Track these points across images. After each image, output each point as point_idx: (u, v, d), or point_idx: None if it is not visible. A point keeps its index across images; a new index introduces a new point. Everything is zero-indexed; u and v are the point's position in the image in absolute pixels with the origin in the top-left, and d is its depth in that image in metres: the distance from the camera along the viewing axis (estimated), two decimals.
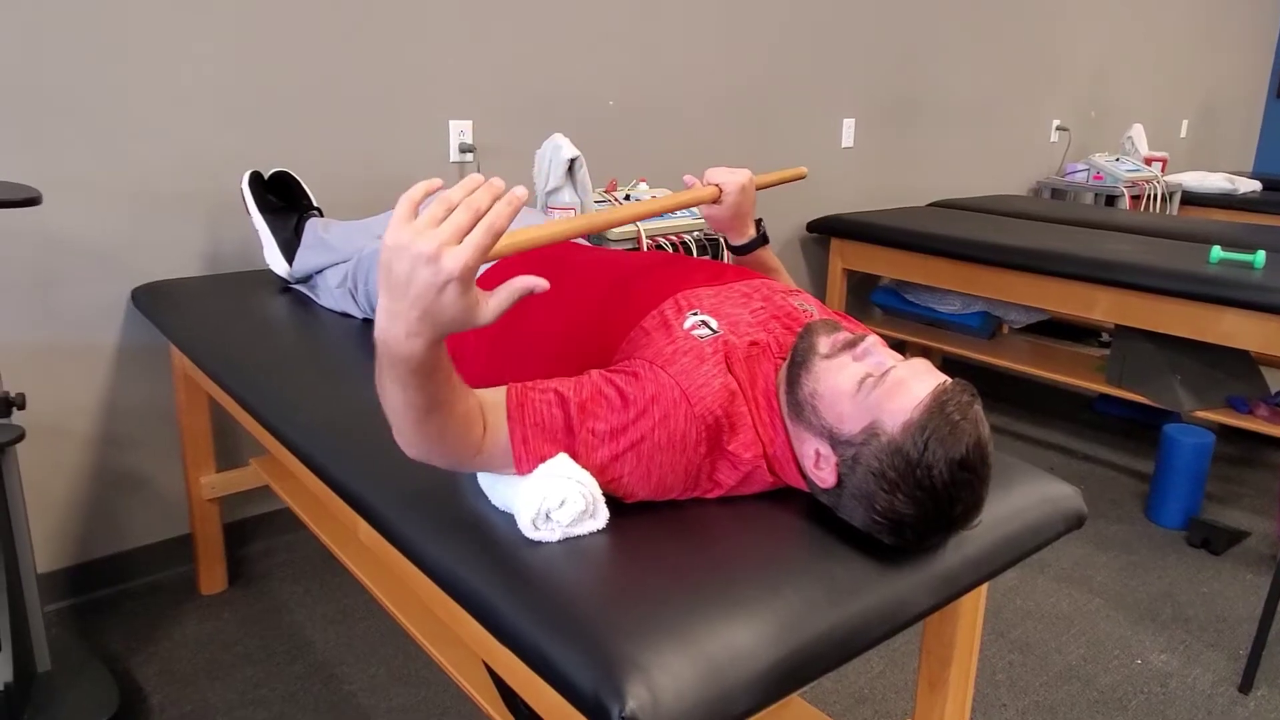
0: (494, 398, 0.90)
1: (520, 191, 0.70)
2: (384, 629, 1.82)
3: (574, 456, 0.89)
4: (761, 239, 1.29)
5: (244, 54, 1.89)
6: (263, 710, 1.59)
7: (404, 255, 0.67)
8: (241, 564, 2.05)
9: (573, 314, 1.13)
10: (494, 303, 0.73)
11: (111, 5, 1.71)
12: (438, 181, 0.72)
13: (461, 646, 1.17)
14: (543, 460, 0.89)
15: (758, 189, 1.29)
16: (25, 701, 1.41)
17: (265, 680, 1.67)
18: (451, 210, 0.69)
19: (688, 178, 1.23)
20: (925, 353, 3.08)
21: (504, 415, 0.88)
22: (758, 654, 0.76)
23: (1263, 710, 1.68)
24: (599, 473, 0.89)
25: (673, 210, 1.17)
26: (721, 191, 1.21)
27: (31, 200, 1.32)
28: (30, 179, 1.68)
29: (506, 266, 1.28)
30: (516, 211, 0.69)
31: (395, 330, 0.70)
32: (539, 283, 0.74)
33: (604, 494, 0.90)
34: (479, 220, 0.68)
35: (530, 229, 0.84)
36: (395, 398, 0.78)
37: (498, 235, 0.69)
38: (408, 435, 0.83)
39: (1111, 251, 2.49)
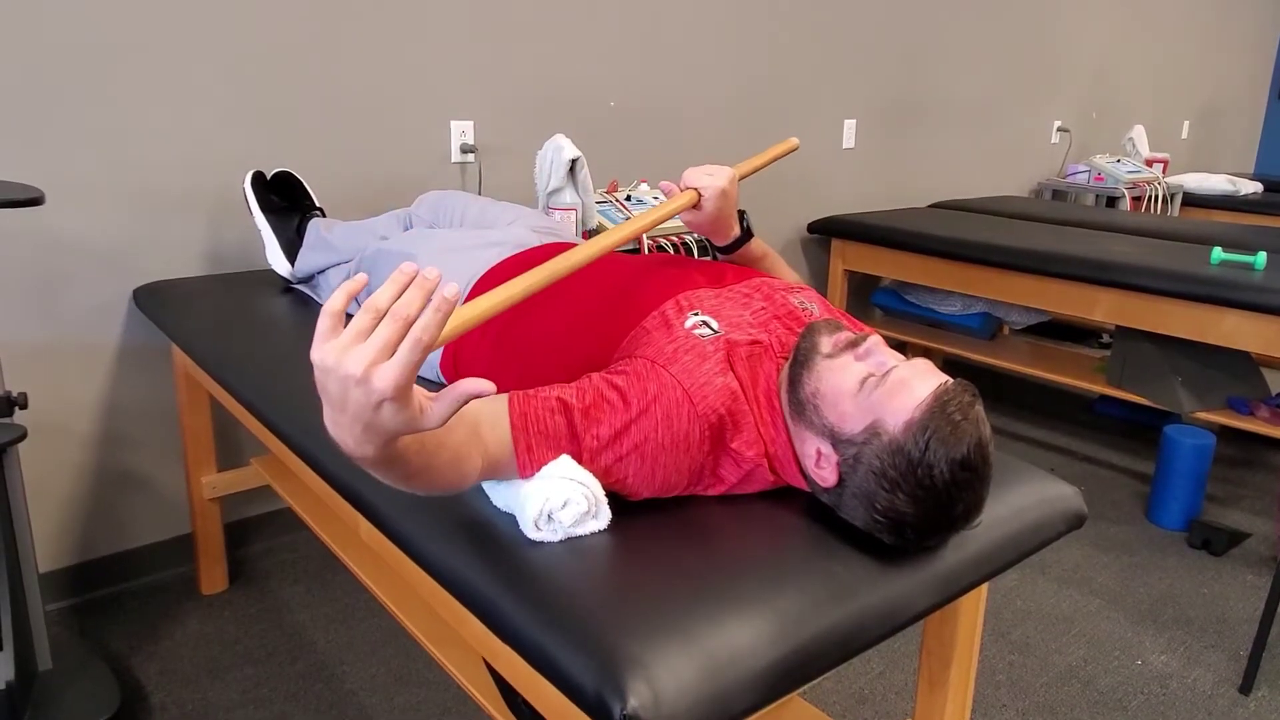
0: (493, 409, 0.88)
1: (450, 291, 0.64)
2: (385, 629, 1.82)
3: (578, 461, 0.89)
4: (746, 235, 1.25)
5: (246, 54, 1.90)
6: (264, 710, 1.59)
7: (332, 378, 0.64)
8: (242, 564, 2.05)
9: (575, 315, 1.13)
10: (439, 409, 0.68)
11: (113, 5, 1.72)
12: (362, 279, 0.67)
13: (463, 646, 1.17)
14: (543, 465, 0.89)
15: (746, 176, 1.25)
16: (26, 700, 1.41)
17: (266, 680, 1.67)
18: (379, 318, 0.63)
19: (664, 184, 1.18)
20: (926, 354, 3.09)
21: (507, 427, 0.88)
22: (759, 652, 0.77)
23: (1263, 711, 1.68)
24: (603, 475, 0.90)
25: (650, 229, 1.11)
26: (701, 197, 1.16)
27: (34, 200, 1.32)
28: (33, 179, 1.69)
29: (501, 273, 1.28)
30: (446, 318, 0.64)
31: (344, 439, 0.68)
32: (485, 387, 0.67)
33: (606, 493, 0.90)
34: (408, 330, 0.63)
35: (477, 302, 0.80)
36: (383, 478, 0.76)
37: (428, 348, 0.64)
38: (403, 491, 0.80)
39: (1112, 252, 2.49)
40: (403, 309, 0.63)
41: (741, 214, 1.23)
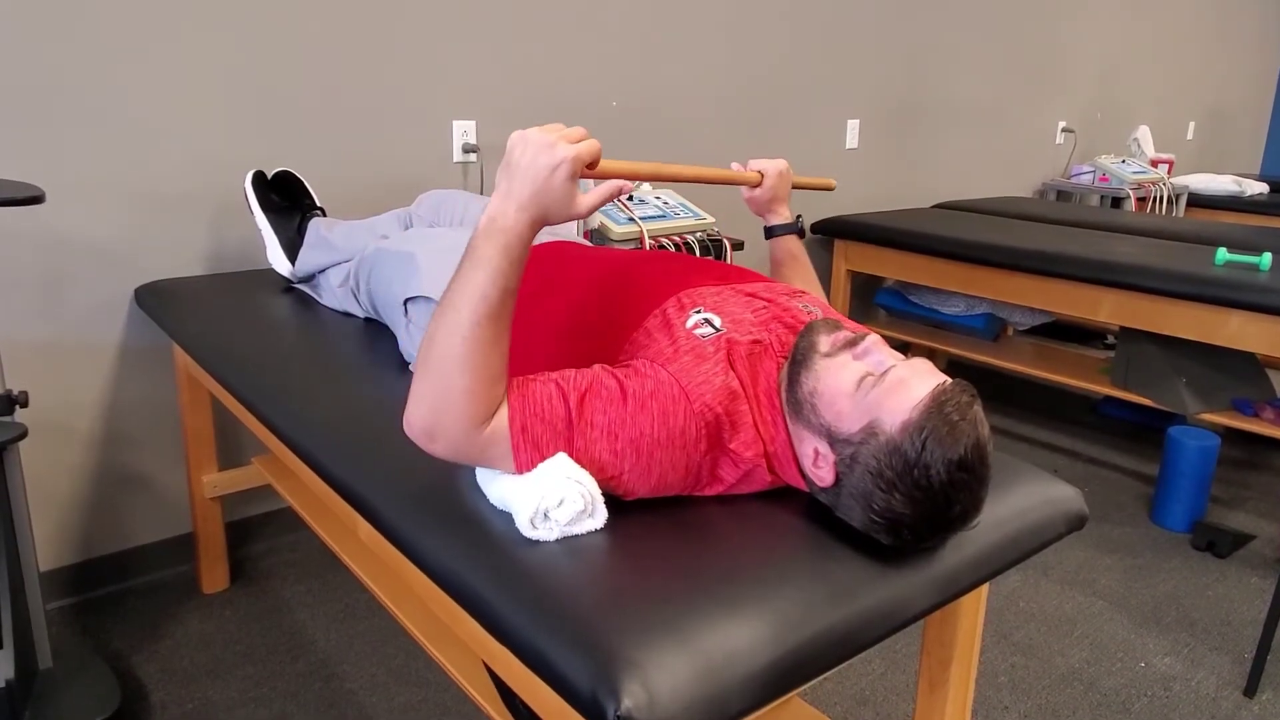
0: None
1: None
2: (385, 628, 1.82)
3: (573, 450, 0.89)
4: (796, 227, 1.40)
5: (247, 54, 1.90)
6: (264, 709, 1.59)
7: (526, 144, 0.85)
8: (243, 563, 2.05)
9: (576, 312, 1.13)
10: (590, 199, 0.88)
11: (115, 6, 1.72)
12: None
13: (461, 646, 1.17)
14: (539, 452, 0.88)
15: (796, 184, 1.41)
16: (27, 699, 1.41)
17: (266, 679, 1.67)
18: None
19: (734, 164, 1.37)
20: (929, 354, 3.08)
21: (505, 404, 0.88)
22: (755, 653, 0.76)
23: (1268, 714, 1.67)
24: (598, 470, 0.89)
25: (722, 182, 1.32)
26: (762, 176, 1.33)
27: (35, 199, 1.32)
28: (35, 178, 1.69)
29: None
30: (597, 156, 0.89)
31: (506, 206, 0.85)
32: (627, 185, 0.94)
33: (603, 493, 0.89)
34: (586, 138, 0.87)
35: (617, 161, 0.97)
36: (471, 288, 0.85)
37: (596, 153, 0.88)
38: (451, 355, 0.85)
39: (1117, 253, 2.48)
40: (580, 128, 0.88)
41: (798, 217, 1.38)
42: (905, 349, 2.95)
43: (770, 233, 1.42)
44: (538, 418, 0.88)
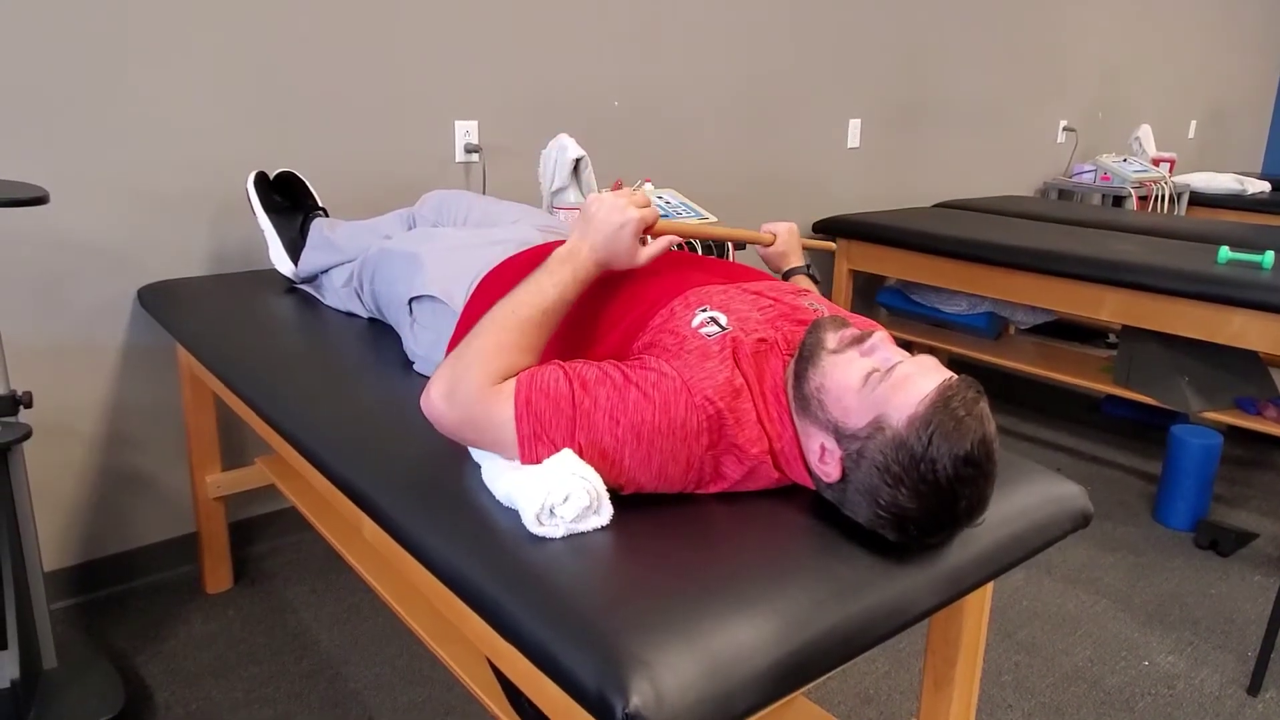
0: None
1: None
2: (389, 628, 1.82)
3: (575, 430, 0.90)
4: (807, 269, 1.44)
5: (250, 55, 1.90)
6: (268, 709, 1.59)
7: (603, 203, 1.05)
8: (246, 563, 2.05)
9: (583, 310, 1.13)
10: (648, 251, 1.08)
11: (117, 6, 1.72)
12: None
13: (466, 645, 1.17)
14: (541, 426, 0.90)
15: (804, 244, 1.49)
16: (31, 699, 1.41)
17: (270, 679, 1.67)
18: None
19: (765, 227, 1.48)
20: (931, 353, 3.07)
21: (513, 384, 0.93)
22: (762, 651, 0.76)
23: (1271, 713, 1.67)
24: (601, 457, 0.90)
25: (740, 240, 1.48)
26: (775, 237, 1.43)
27: (39, 199, 1.32)
28: (38, 179, 1.69)
29: (506, 270, 1.29)
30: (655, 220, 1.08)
31: (581, 246, 1.04)
32: (674, 240, 1.12)
33: (608, 489, 0.90)
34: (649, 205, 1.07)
35: (671, 222, 1.15)
36: (536, 285, 1.01)
37: (656, 218, 1.08)
38: (496, 325, 0.98)
39: (1119, 252, 2.48)
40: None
41: (808, 266, 1.44)
42: (908, 348, 2.95)
43: (785, 275, 1.46)
44: (542, 393, 0.92)
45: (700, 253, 2.22)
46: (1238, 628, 1.93)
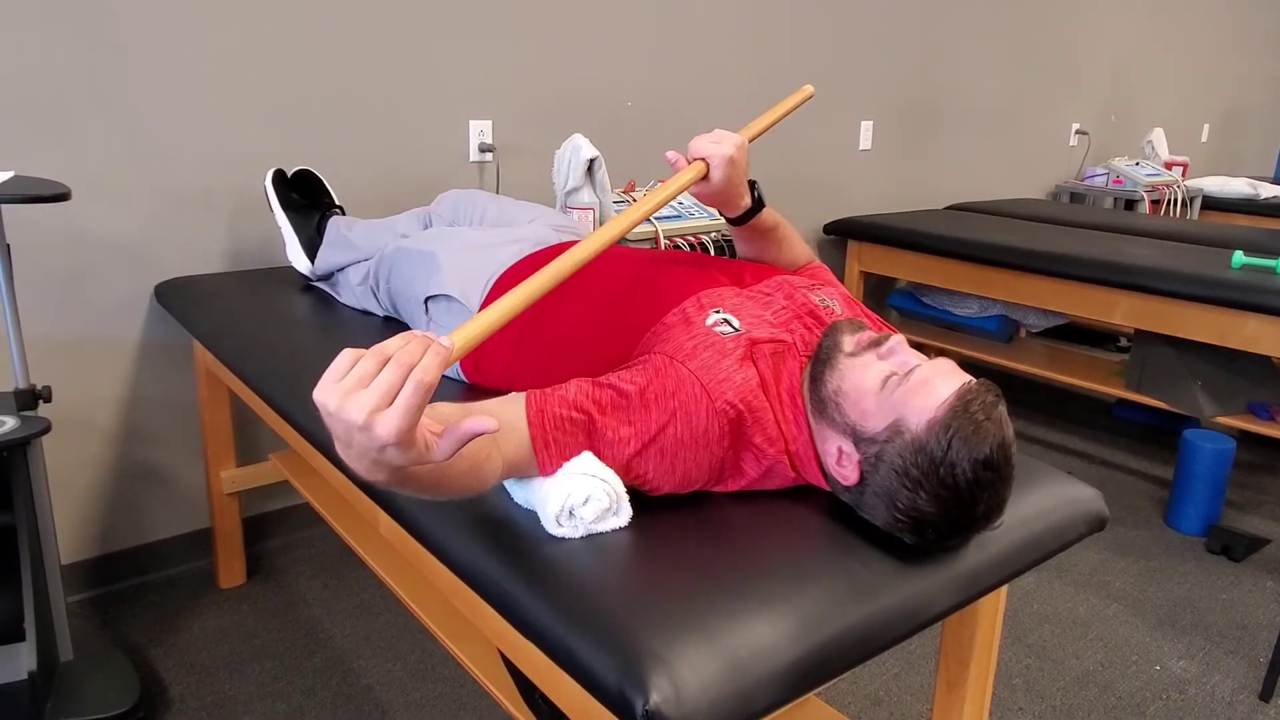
0: (512, 411, 0.89)
1: (446, 342, 0.67)
2: (402, 624, 1.83)
3: (597, 456, 0.90)
4: (757, 204, 1.17)
5: (268, 54, 1.91)
6: (282, 703, 1.60)
7: (336, 422, 0.65)
8: (260, 558, 2.06)
9: (593, 314, 1.13)
10: (444, 445, 0.69)
11: (138, 5, 1.73)
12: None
13: (479, 642, 1.18)
14: (565, 458, 0.89)
15: (757, 136, 1.18)
16: (49, 691, 1.43)
17: (284, 673, 1.68)
18: (383, 363, 0.64)
19: (670, 154, 1.11)
20: (941, 356, 3.07)
21: (526, 427, 0.88)
22: (780, 650, 0.77)
23: None
24: (624, 471, 0.90)
25: (658, 209, 1.05)
26: (709, 167, 1.08)
27: (61, 196, 1.34)
28: (58, 175, 1.70)
29: (521, 270, 1.28)
30: (446, 363, 0.66)
31: (357, 468, 0.69)
32: (488, 424, 0.69)
33: (628, 489, 0.90)
34: (408, 375, 0.63)
35: (486, 313, 0.78)
36: (423, 495, 0.78)
37: (429, 389, 0.64)
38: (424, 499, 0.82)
39: (1132, 255, 2.47)
40: (406, 355, 0.64)
41: (753, 184, 1.16)
42: (919, 350, 2.95)
43: (736, 223, 1.20)
44: (560, 432, 0.89)
45: (713, 253, 2.22)
46: (1249, 633, 1.92)
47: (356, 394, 0.63)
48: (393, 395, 0.63)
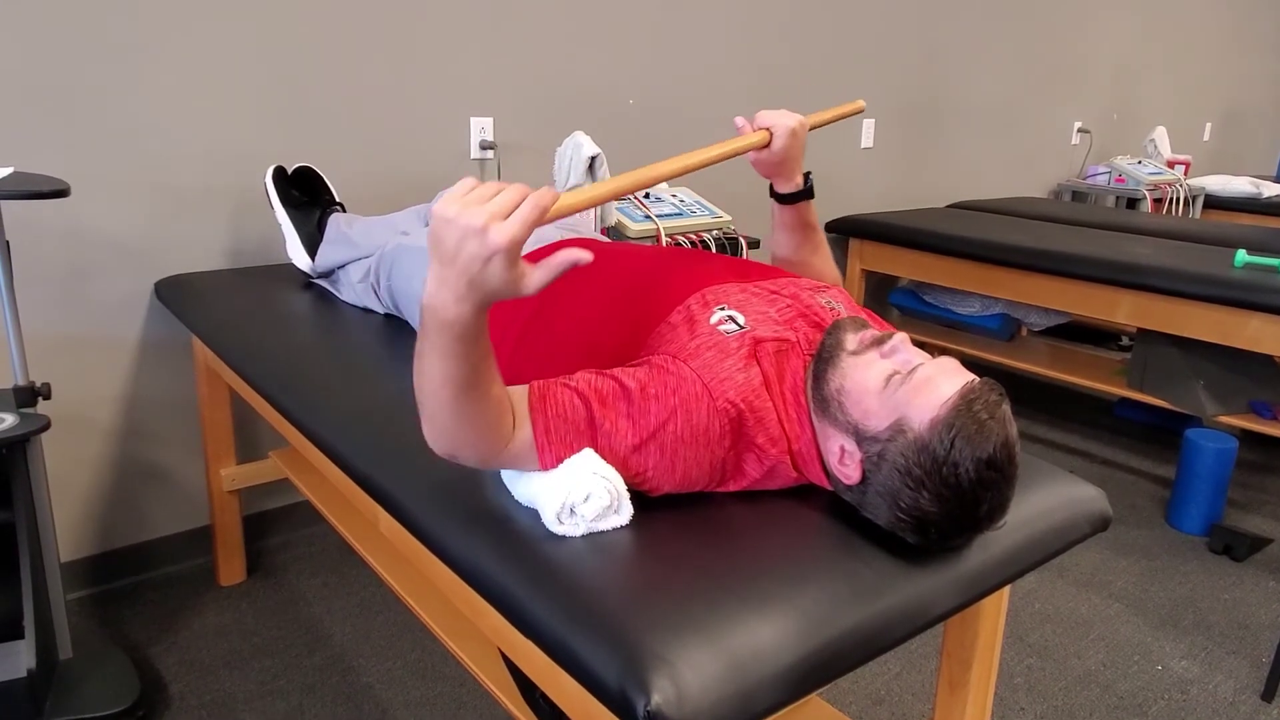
0: (517, 394, 0.90)
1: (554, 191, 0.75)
2: (402, 623, 1.83)
3: (597, 449, 0.89)
4: (808, 192, 1.24)
5: (268, 51, 1.90)
6: (281, 701, 1.60)
7: (453, 228, 0.70)
8: (260, 556, 2.06)
9: (598, 307, 1.13)
10: (538, 275, 0.75)
11: (138, 2, 1.73)
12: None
13: (480, 641, 1.17)
14: (566, 454, 0.89)
15: (813, 128, 1.23)
16: (48, 688, 1.42)
17: (283, 671, 1.68)
18: (501, 190, 0.72)
19: (739, 119, 1.20)
20: (943, 354, 3.07)
21: (527, 412, 0.89)
22: (782, 651, 0.76)
23: None
24: (623, 466, 0.89)
25: (722, 159, 1.13)
26: (771, 136, 1.17)
27: (60, 192, 1.33)
28: (57, 171, 1.70)
29: (529, 261, 1.28)
30: (555, 199, 0.74)
31: (443, 296, 0.73)
32: (582, 255, 0.75)
33: (629, 490, 0.89)
34: (525, 199, 0.72)
35: (581, 190, 0.85)
36: (435, 371, 0.79)
37: (544, 211, 0.72)
38: (441, 419, 0.83)
39: (1134, 254, 2.46)
40: (521, 186, 0.73)
41: (807, 175, 1.22)
42: (921, 349, 2.95)
43: (783, 200, 1.25)
44: (560, 419, 0.89)
45: (715, 251, 2.22)
46: (1251, 633, 1.92)
47: (478, 205, 0.71)
48: (510, 210, 0.71)
